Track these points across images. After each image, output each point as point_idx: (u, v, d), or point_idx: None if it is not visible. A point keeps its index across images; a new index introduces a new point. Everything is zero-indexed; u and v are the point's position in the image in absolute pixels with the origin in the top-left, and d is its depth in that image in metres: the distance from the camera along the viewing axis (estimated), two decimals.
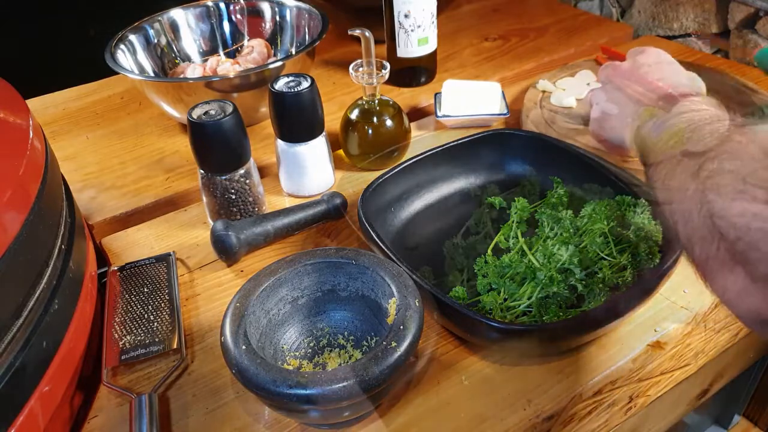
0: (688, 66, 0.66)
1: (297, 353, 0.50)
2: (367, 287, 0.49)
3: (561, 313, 0.48)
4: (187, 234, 0.66)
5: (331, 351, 0.50)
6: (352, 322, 0.51)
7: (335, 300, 0.51)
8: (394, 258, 0.51)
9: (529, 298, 0.50)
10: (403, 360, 0.41)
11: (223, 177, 0.61)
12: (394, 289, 0.46)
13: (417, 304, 0.45)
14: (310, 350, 0.50)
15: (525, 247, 0.55)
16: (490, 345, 0.50)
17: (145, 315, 0.55)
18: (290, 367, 0.48)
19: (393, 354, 0.41)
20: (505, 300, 0.51)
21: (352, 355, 0.49)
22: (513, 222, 0.58)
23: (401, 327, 0.43)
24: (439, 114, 0.78)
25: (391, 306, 0.45)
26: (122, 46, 0.82)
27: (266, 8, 0.92)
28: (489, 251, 0.57)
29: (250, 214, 0.65)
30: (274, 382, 0.39)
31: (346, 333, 0.51)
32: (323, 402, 0.39)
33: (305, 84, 0.63)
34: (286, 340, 0.50)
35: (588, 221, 0.54)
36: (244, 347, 0.42)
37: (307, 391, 0.39)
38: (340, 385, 0.39)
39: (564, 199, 0.60)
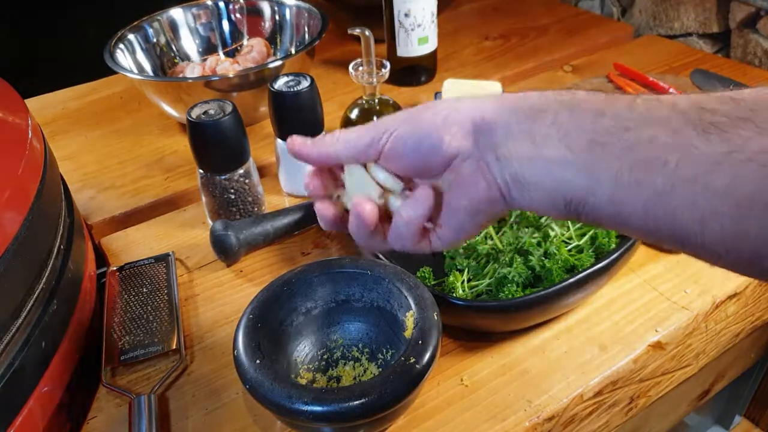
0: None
1: (311, 366, 0.49)
2: (383, 298, 0.48)
3: (517, 293, 0.50)
4: (187, 234, 0.66)
5: (345, 364, 0.49)
6: (366, 333, 0.50)
7: (349, 311, 0.50)
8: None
9: (490, 278, 0.52)
10: (423, 376, 0.40)
11: (223, 177, 0.61)
12: (412, 302, 0.45)
13: (435, 318, 0.44)
14: (323, 363, 0.49)
15: (492, 231, 0.57)
16: (454, 322, 0.51)
17: (144, 315, 0.55)
18: (303, 381, 0.47)
19: (412, 370, 0.40)
20: (469, 280, 0.53)
21: (367, 368, 0.48)
22: None
23: (420, 341, 0.42)
24: None
25: (409, 319, 0.44)
26: (121, 46, 0.82)
27: (266, 7, 0.92)
28: None
29: (250, 214, 0.65)
30: (290, 399, 0.39)
31: (360, 345, 0.50)
32: (340, 420, 0.39)
33: (305, 83, 0.63)
34: (299, 352, 0.49)
35: None
36: (257, 361, 0.41)
37: (324, 408, 0.38)
38: (358, 402, 0.38)
39: None
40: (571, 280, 0.47)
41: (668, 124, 0.26)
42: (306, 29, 0.88)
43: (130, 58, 0.83)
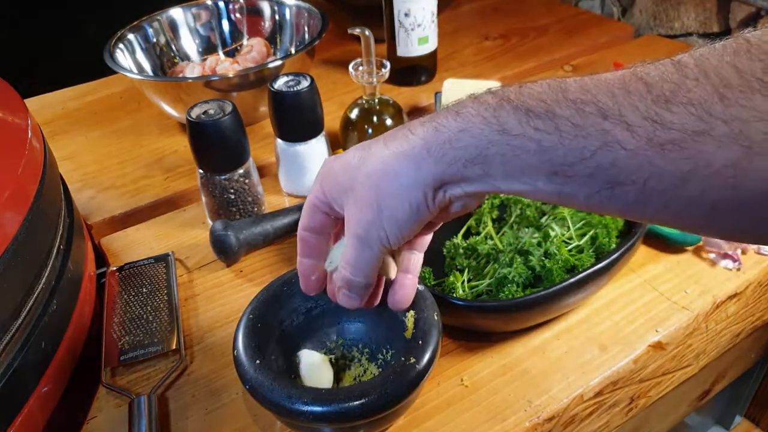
0: None
1: None
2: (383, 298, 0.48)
3: (518, 293, 0.50)
4: (186, 234, 0.66)
5: (345, 364, 0.49)
6: (366, 334, 0.50)
7: (349, 311, 0.50)
8: None
9: (490, 278, 0.52)
10: (423, 376, 0.40)
11: (222, 177, 0.61)
12: (412, 302, 0.45)
13: (435, 318, 0.44)
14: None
15: (492, 231, 0.57)
16: (454, 322, 0.51)
17: (144, 315, 0.55)
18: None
19: (412, 371, 0.40)
20: (469, 280, 0.53)
21: (367, 368, 0.48)
22: (485, 208, 0.61)
23: (420, 342, 0.42)
24: None
25: (409, 319, 0.44)
26: (121, 46, 0.82)
27: (266, 7, 0.92)
28: (460, 236, 0.59)
29: (250, 214, 0.65)
30: (290, 399, 0.38)
31: (360, 345, 0.50)
32: (340, 420, 0.38)
33: (305, 83, 0.63)
34: (299, 352, 0.49)
35: (552, 206, 0.58)
36: (257, 361, 0.41)
37: (324, 409, 0.38)
38: (357, 402, 0.38)
39: None
40: (572, 280, 0.47)
41: (624, 146, 0.25)
42: (306, 29, 0.88)
43: (129, 58, 0.83)
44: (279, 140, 0.66)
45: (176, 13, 0.89)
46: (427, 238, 0.41)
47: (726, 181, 0.23)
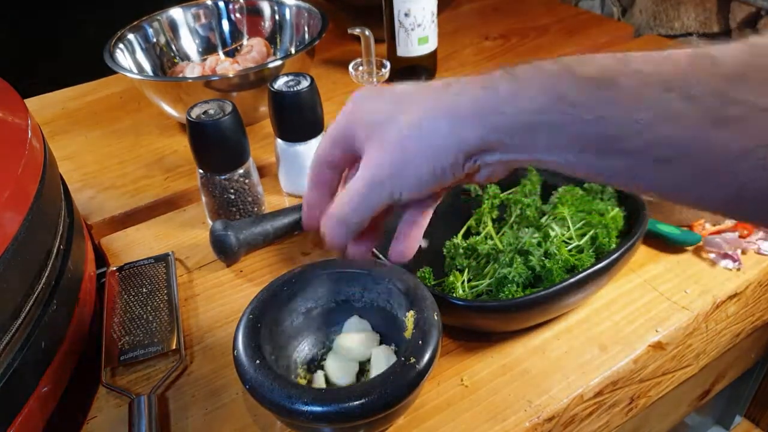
0: None
1: (311, 366, 0.49)
2: (383, 298, 0.48)
3: (518, 293, 0.50)
4: (186, 234, 0.66)
5: None
6: None
7: (349, 311, 0.50)
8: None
9: (490, 278, 0.52)
10: (423, 376, 0.40)
11: (222, 177, 0.61)
12: (412, 302, 0.45)
13: (435, 318, 0.44)
14: (324, 363, 0.49)
15: (492, 231, 0.57)
16: (454, 322, 0.51)
17: (144, 315, 0.55)
18: (303, 381, 0.47)
19: (412, 371, 0.40)
20: (469, 280, 0.53)
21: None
22: (485, 208, 0.60)
23: (420, 342, 0.42)
24: None
25: (409, 319, 0.44)
26: (121, 46, 0.82)
27: (266, 7, 0.92)
28: (460, 236, 0.59)
29: (250, 214, 0.65)
30: (290, 399, 0.39)
31: None
32: (340, 420, 0.39)
33: (305, 83, 0.63)
34: (299, 352, 0.49)
35: (552, 207, 0.58)
36: (257, 361, 0.41)
37: (323, 409, 0.38)
38: (357, 402, 0.38)
39: (536, 186, 0.62)
40: (572, 280, 0.47)
41: (684, 122, 0.24)
42: (306, 29, 0.88)
43: (130, 58, 0.83)
44: (279, 140, 0.66)
45: (176, 13, 0.89)
46: (441, 195, 0.38)
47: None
